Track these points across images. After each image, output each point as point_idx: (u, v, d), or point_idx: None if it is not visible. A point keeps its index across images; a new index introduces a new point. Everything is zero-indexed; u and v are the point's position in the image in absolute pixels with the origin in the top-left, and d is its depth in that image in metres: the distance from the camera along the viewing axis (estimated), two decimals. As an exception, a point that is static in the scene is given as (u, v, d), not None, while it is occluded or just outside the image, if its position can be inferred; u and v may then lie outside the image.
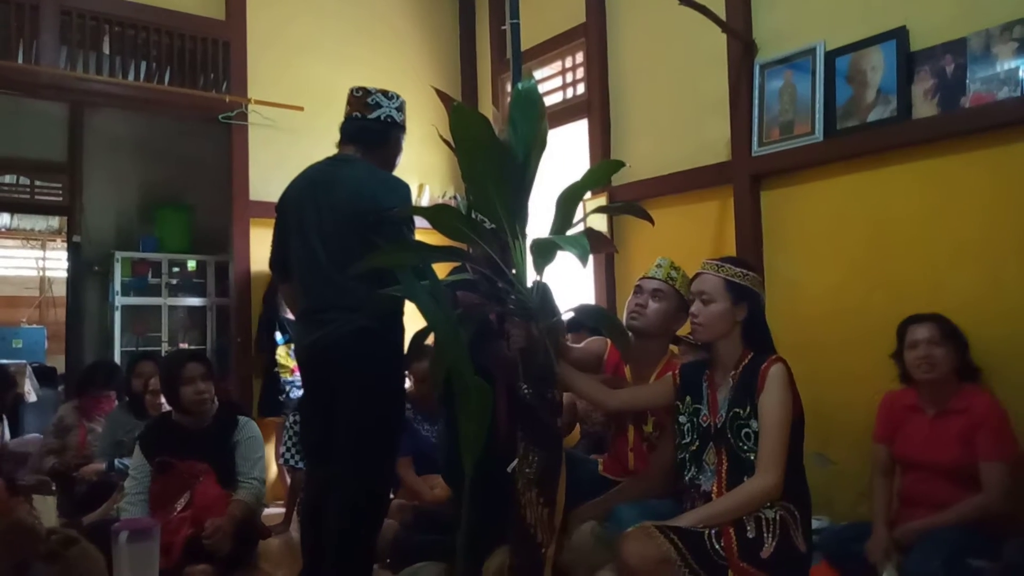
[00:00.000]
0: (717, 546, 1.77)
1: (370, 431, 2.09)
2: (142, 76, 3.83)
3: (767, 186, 3.11)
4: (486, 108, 4.45)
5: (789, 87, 3.01)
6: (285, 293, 2.44)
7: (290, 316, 3.81)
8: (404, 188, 2.16)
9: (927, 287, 2.61)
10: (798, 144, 2.94)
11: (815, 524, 2.50)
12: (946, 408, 2.31)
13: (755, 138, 3.08)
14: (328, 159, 2.25)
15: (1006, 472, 2.20)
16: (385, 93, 2.29)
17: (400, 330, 2.18)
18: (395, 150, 2.30)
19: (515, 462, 1.94)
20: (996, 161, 2.48)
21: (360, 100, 2.26)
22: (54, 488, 3.43)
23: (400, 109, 2.31)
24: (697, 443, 2.01)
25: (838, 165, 2.87)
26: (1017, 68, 2.40)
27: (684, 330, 2.35)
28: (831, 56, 2.88)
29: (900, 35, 2.68)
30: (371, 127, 2.24)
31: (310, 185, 2.22)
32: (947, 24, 2.58)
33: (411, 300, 1.94)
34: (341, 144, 2.27)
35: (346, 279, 2.06)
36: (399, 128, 2.30)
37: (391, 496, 2.81)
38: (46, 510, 2.87)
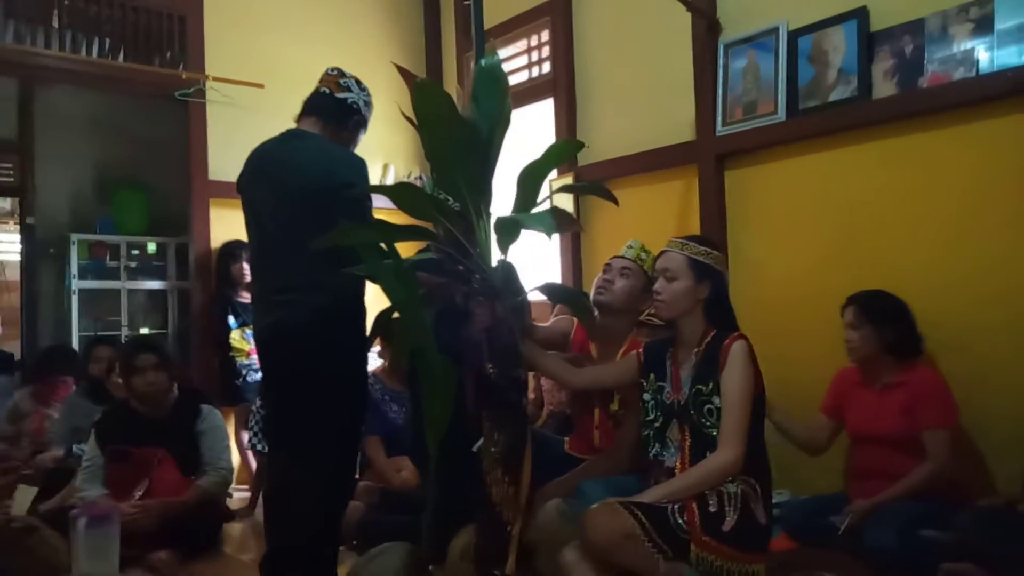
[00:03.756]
0: (680, 521, 1.79)
1: (332, 414, 2.05)
2: (95, 51, 3.71)
3: (731, 165, 3.13)
4: (451, 87, 4.40)
5: (752, 67, 3.02)
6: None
7: (243, 298, 3.76)
8: (361, 163, 2.11)
9: (885, 265, 2.66)
10: (761, 124, 2.96)
11: (776, 498, 2.57)
12: (888, 383, 2.41)
13: (719, 118, 3.09)
14: (283, 134, 2.19)
15: (948, 438, 2.30)
16: (359, 82, 2.25)
17: (362, 311, 2.15)
18: (352, 136, 2.24)
19: (480, 441, 1.93)
20: (952, 140, 2.52)
21: (333, 79, 2.22)
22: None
23: (368, 104, 2.26)
24: (661, 420, 2.03)
25: (800, 144, 2.90)
26: (973, 49, 2.44)
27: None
28: (794, 36, 2.90)
29: (861, 15, 2.70)
30: (335, 104, 2.19)
31: (263, 161, 2.16)
32: (906, 4, 2.61)
33: (374, 280, 1.92)
34: (300, 117, 2.22)
35: (303, 259, 2.01)
36: (361, 119, 2.25)
37: (357, 477, 2.80)
38: (22, 500, 2.80)
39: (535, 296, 2.36)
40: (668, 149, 3.30)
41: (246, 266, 3.57)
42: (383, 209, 2.17)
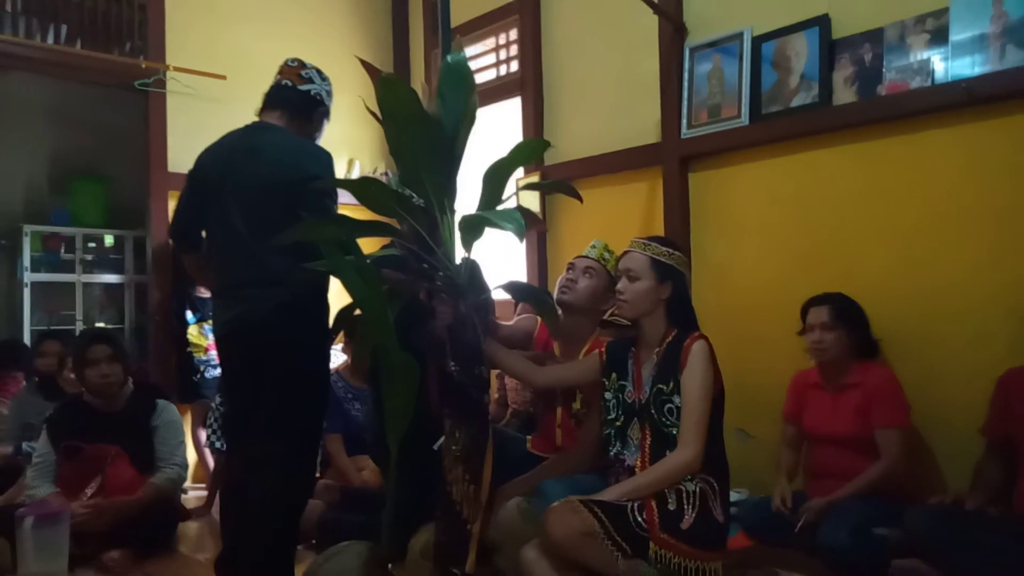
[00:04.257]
0: (639, 518, 1.81)
1: (293, 412, 2.02)
2: (51, 38, 3.60)
3: (695, 168, 3.16)
4: (418, 84, 4.37)
5: (717, 71, 3.06)
6: (190, 265, 2.30)
7: (201, 294, 3.69)
8: (327, 157, 2.09)
9: (844, 267, 2.72)
10: (725, 127, 3.00)
11: (735, 496, 2.61)
12: (844, 384, 2.46)
13: (684, 120, 3.13)
14: (247, 126, 2.16)
15: (901, 437, 2.36)
16: (320, 72, 2.22)
17: (324, 307, 2.12)
18: (316, 127, 2.22)
19: (442, 439, 1.93)
20: (908, 147, 2.58)
21: (293, 71, 2.18)
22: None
23: (330, 94, 2.24)
24: (622, 419, 2.04)
25: (763, 149, 2.95)
26: (928, 59, 2.51)
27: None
28: (758, 41, 2.94)
29: (823, 23, 2.76)
30: (299, 97, 2.16)
31: (229, 153, 2.11)
32: (867, 13, 2.67)
33: (336, 275, 1.90)
34: (263, 111, 2.18)
35: (267, 253, 1.98)
36: (324, 110, 2.23)
37: (317, 476, 2.76)
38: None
39: (499, 295, 2.36)
40: (634, 151, 3.32)
41: None
42: (348, 205, 2.15)
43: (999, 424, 2.21)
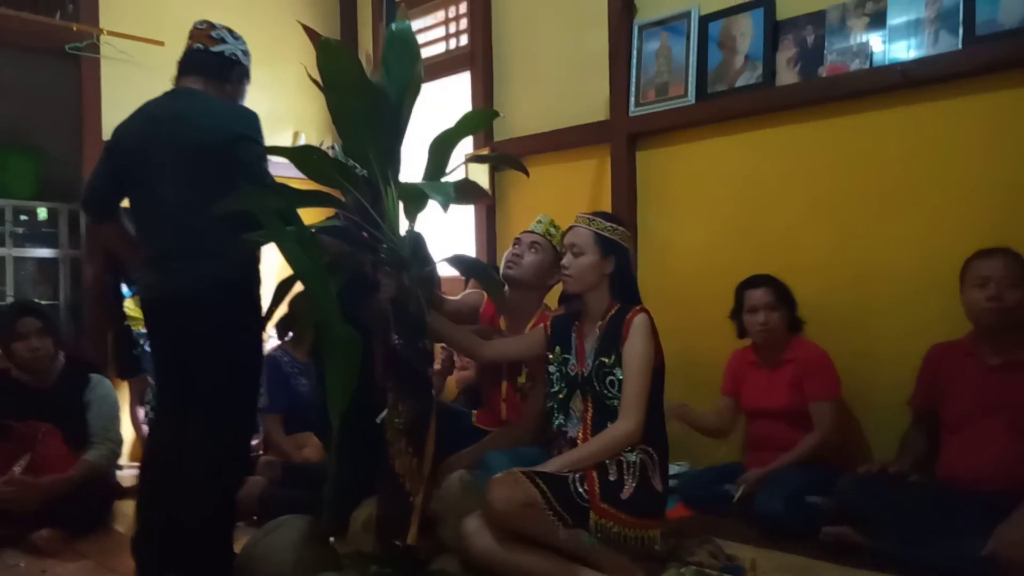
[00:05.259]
0: (581, 489, 1.83)
1: (224, 386, 1.98)
2: (-28, -3, 3.42)
3: (643, 146, 3.18)
4: (366, 56, 4.29)
5: (665, 49, 3.07)
6: (109, 236, 2.19)
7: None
8: (254, 117, 2.02)
9: (785, 246, 2.78)
10: (672, 106, 3.02)
11: (675, 469, 2.68)
12: (780, 360, 2.55)
13: (632, 98, 3.14)
14: (167, 93, 2.09)
15: (832, 409, 2.47)
16: (231, 31, 2.15)
17: (256, 279, 2.08)
18: (238, 88, 2.14)
19: (384, 413, 1.91)
20: (846, 128, 2.65)
21: (203, 33, 2.11)
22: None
23: (246, 53, 2.17)
24: (565, 391, 2.06)
25: (708, 128, 2.98)
26: (867, 42, 2.56)
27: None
28: (705, 20, 2.96)
29: (768, 4, 2.79)
30: (213, 60, 2.10)
31: (150, 121, 2.04)
32: (810, -5, 2.71)
33: (277, 246, 1.85)
34: (179, 78, 2.11)
35: (195, 223, 1.94)
36: (242, 70, 2.15)
37: (260, 453, 2.72)
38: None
39: (447, 271, 2.35)
40: (583, 127, 3.32)
41: None
42: (293, 179, 2.09)
43: (924, 396, 2.31)
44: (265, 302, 2.08)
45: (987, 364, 2.14)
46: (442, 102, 3.91)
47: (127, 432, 2.93)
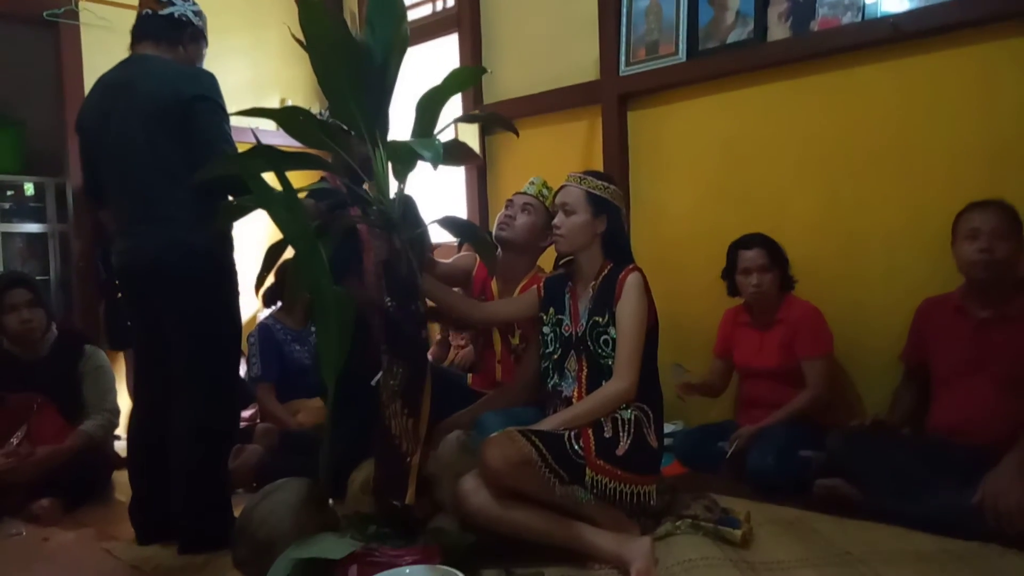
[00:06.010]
0: (576, 446, 1.84)
1: (197, 351, 2.00)
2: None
3: (634, 106, 3.16)
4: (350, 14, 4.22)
5: (655, 7, 3.03)
6: (107, 219, 2.23)
7: None
8: (208, 76, 2.00)
9: (775, 205, 2.78)
10: (663, 64, 2.99)
11: (670, 428, 2.70)
12: (772, 320, 2.56)
13: (623, 58, 3.10)
14: (120, 62, 2.08)
15: (825, 366, 2.48)
16: None
17: (227, 243, 2.08)
18: (193, 51, 2.12)
19: (379, 375, 1.91)
20: (837, 84, 2.63)
21: None
22: None
23: (197, 13, 2.13)
24: (559, 351, 2.07)
25: (699, 86, 2.96)
26: (860, -6, 2.53)
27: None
28: (695, -24, 2.92)
29: (758, -43, 2.75)
30: (163, 23, 2.07)
31: (105, 92, 2.04)
32: (801, -52, 2.66)
33: (265, 210, 1.84)
34: (133, 46, 2.09)
35: (155, 189, 1.95)
36: (196, 31, 2.12)
37: (241, 419, 2.73)
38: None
39: (439, 235, 2.33)
40: (573, 88, 3.29)
41: None
42: (291, 146, 2.05)
43: (915, 350, 2.33)
44: (252, 268, 2.08)
45: (977, 317, 2.15)
46: (429, 66, 3.86)
47: (123, 403, 2.93)
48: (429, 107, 1.84)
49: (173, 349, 2.01)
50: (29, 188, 4.59)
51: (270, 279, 2.21)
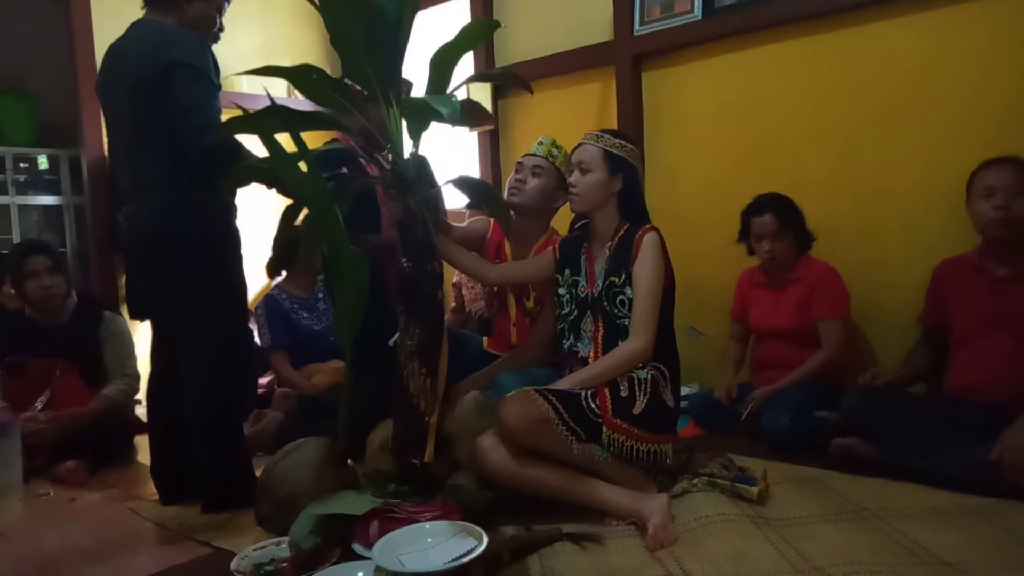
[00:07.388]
0: (593, 405, 1.84)
1: (198, 315, 2.02)
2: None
3: (648, 66, 3.11)
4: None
5: (670, -36, 2.97)
6: None
7: None
8: (192, 39, 1.98)
9: (791, 164, 2.74)
10: (678, 23, 2.94)
11: (685, 391, 2.70)
12: (788, 280, 2.54)
13: (637, 17, 3.05)
14: (128, 27, 2.09)
15: (842, 326, 2.46)
16: None
17: (226, 208, 2.08)
18: (193, 13, 2.07)
19: (396, 335, 1.92)
20: (853, 41, 2.58)
21: None
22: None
23: None
24: (575, 312, 2.07)
25: (715, 45, 2.91)
26: (882, -54, 2.47)
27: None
28: (711, -69, 2.86)
29: (776, -90, 2.68)
30: None
31: (106, 59, 2.08)
32: (821, -100, 2.60)
33: (278, 171, 1.83)
34: (143, 10, 2.10)
35: (144, 157, 1.98)
36: None
37: (250, 377, 2.76)
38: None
39: (449, 199, 2.32)
40: (586, 49, 3.24)
41: None
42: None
43: (933, 312, 2.31)
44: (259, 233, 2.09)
45: (994, 276, 2.13)
46: (441, 31, 3.81)
47: (143, 368, 2.96)
48: (443, 63, 1.82)
49: (173, 312, 2.04)
50: (43, 161, 4.61)
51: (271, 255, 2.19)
